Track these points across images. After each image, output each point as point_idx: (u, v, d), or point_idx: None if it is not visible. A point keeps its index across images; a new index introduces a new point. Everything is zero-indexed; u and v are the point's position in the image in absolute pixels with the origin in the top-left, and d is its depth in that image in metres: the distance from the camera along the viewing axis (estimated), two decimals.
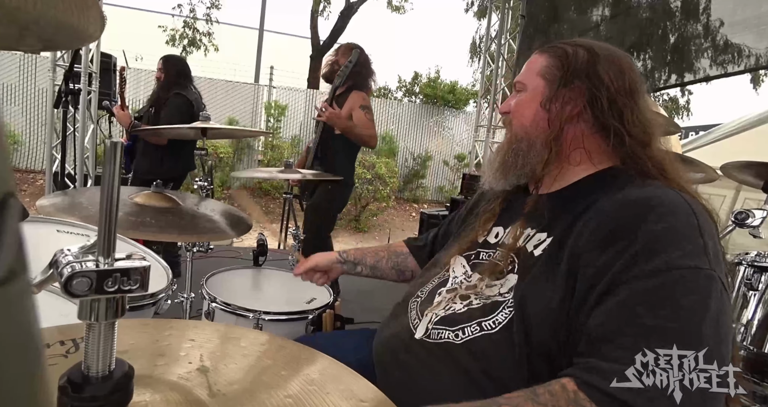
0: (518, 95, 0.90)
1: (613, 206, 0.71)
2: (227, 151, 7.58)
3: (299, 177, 2.10)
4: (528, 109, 0.87)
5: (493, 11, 5.87)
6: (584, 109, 0.81)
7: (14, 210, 0.16)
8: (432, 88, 10.01)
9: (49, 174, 3.91)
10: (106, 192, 0.34)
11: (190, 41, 10.14)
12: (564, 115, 0.82)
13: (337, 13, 10.05)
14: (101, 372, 0.37)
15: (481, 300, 0.80)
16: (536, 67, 0.88)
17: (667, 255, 0.63)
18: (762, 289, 1.48)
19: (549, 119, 0.84)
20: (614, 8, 3.78)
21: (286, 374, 0.52)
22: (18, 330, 0.17)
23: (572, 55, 0.84)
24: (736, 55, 2.80)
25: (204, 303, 1.46)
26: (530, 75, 0.89)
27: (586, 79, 0.82)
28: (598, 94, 0.80)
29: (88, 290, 0.34)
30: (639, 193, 0.71)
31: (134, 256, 0.36)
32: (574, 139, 0.83)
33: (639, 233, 0.65)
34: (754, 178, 1.78)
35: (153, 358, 0.52)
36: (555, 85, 0.84)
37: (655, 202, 0.68)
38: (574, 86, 0.82)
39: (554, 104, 0.83)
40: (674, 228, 0.65)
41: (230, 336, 0.60)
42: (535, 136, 0.85)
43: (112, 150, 0.34)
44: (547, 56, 0.88)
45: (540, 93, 0.86)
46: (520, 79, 0.90)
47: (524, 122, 0.87)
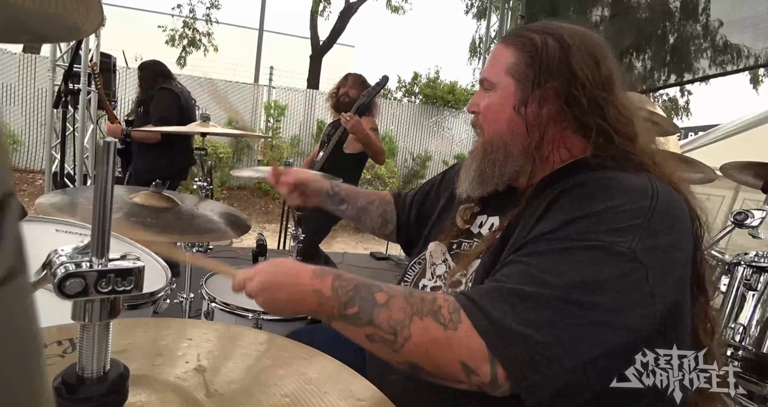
0: (486, 95, 0.83)
1: (565, 186, 0.69)
2: (227, 151, 7.57)
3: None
4: (500, 113, 0.80)
5: (492, 11, 5.87)
6: (562, 109, 0.75)
7: (14, 210, 0.16)
8: (431, 88, 10.00)
9: (48, 174, 3.91)
10: (100, 191, 0.34)
11: (190, 41, 10.14)
12: (542, 119, 0.76)
13: (337, 13, 10.06)
14: (96, 373, 0.36)
15: (459, 288, 0.80)
16: (503, 62, 0.80)
17: (587, 227, 0.62)
18: (761, 289, 1.48)
19: (526, 126, 0.77)
20: (614, 8, 3.78)
21: (284, 373, 0.52)
22: (18, 330, 0.17)
23: (542, 48, 0.77)
24: (735, 55, 2.80)
25: (203, 303, 1.46)
26: (498, 72, 0.81)
27: (560, 77, 0.75)
28: (576, 92, 0.74)
29: (81, 291, 0.34)
30: (603, 174, 0.69)
31: (128, 257, 0.36)
32: (554, 140, 0.78)
33: (577, 206, 0.64)
34: (754, 178, 1.78)
35: (151, 358, 0.52)
36: (528, 87, 0.77)
37: (604, 180, 0.67)
38: (548, 86, 0.76)
39: (529, 108, 0.77)
40: (615, 207, 0.63)
41: (228, 336, 0.60)
42: (512, 145, 0.79)
43: (106, 149, 0.33)
44: (515, 50, 0.80)
45: (511, 95, 0.79)
46: (487, 77, 0.82)
47: (498, 129, 0.81)
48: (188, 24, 10.10)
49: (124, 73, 6.59)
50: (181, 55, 10.14)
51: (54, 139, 3.91)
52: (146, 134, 2.85)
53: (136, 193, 1.26)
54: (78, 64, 3.57)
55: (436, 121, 9.47)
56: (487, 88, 0.83)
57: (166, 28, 10.02)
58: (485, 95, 0.83)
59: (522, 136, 0.78)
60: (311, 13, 10.16)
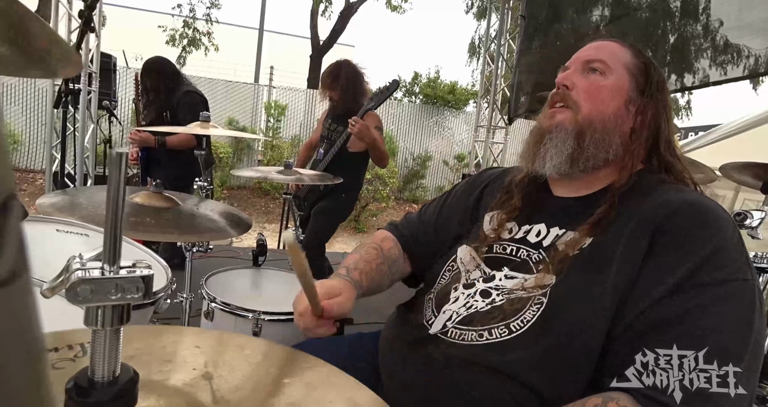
0: (593, 75, 0.83)
1: (661, 210, 0.70)
2: (227, 151, 7.58)
3: (308, 181, 2.07)
4: (611, 99, 0.81)
5: (492, 11, 5.87)
6: (648, 123, 0.81)
7: (15, 210, 0.16)
8: (432, 88, 10.00)
9: (48, 173, 3.91)
10: (112, 201, 0.35)
11: (190, 41, 10.15)
12: (644, 125, 0.81)
13: (337, 13, 10.06)
14: (107, 378, 0.37)
15: (503, 296, 0.77)
16: (621, 56, 0.83)
17: (728, 268, 0.64)
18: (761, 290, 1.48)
19: (633, 126, 0.81)
20: (614, 9, 3.78)
21: (289, 382, 0.53)
22: (20, 330, 0.17)
23: (652, 67, 0.83)
24: (735, 55, 2.80)
25: (203, 303, 1.46)
26: (615, 60, 0.82)
27: (660, 96, 0.81)
28: (665, 114, 0.81)
29: (91, 297, 0.35)
30: (681, 197, 0.72)
31: (139, 264, 0.37)
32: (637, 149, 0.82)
33: (702, 242, 0.66)
34: (753, 178, 1.78)
35: (159, 364, 0.53)
36: (640, 91, 0.81)
37: (703, 210, 0.69)
38: (651, 101, 0.81)
39: (636, 109, 0.81)
40: (729, 241, 0.66)
41: (235, 344, 0.61)
42: (612, 132, 0.80)
43: (118, 160, 0.34)
44: (630, 52, 0.84)
45: (624, 88, 0.81)
46: (604, 59, 0.82)
47: (603, 110, 0.80)
48: (188, 24, 10.10)
49: (124, 73, 6.59)
50: (181, 55, 10.15)
51: (54, 139, 3.92)
52: (184, 141, 2.79)
53: (136, 193, 1.26)
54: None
55: (436, 121, 9.47)
56: (597, 69, 0.82)
57: (166, 28, 10.03)
58: (589, 76, 0.83)
59: (622, 130, 0.81)
60: (311, 13, 10.17)
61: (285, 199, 2.58)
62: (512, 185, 0.92)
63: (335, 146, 2.52)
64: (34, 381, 0.17)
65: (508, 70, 5.57)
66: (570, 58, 0.88)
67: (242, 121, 8.25)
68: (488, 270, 0.83)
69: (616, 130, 0.80)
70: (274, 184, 7.49)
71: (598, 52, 0.83)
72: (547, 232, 0.82)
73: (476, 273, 0.84)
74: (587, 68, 0.83)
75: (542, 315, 0.71)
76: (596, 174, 0.82)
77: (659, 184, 0.77)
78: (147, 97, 2.99)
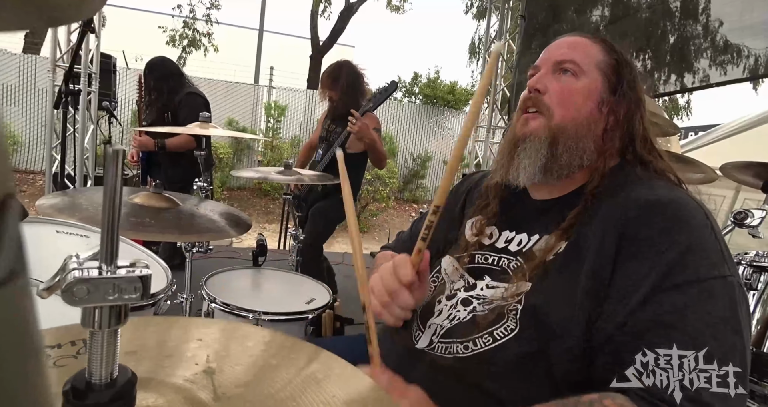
0: (564, 76, 0.80)
1: (629, 211, 0.68)
2: (227, 151, 7.58)
3: (307, 181, 2.08)
4: (583, 103, 0.78)
5: (492, 12, 5.88)
6: (621, 123, 0.79)
7: (14, 211, 0.16)
8: (431, 88, 10.01)
9: (48, 174, 3.91)
10: (109, 200, 0.34)
11: (190, 41, 10.15)
12: (618, 124, 0.79)
13: (337, 13, 10.06)
14: (104, 379, 0.37)
15: (484, 307, 0.76)
16: (593, 55, 0.80)
17: (696, 267, 0.63)
18: (761, 289, 1.48)
19: (605, 126, 0.78)
20: (614, 9, 3.78)
21: (292, 375, 0.52)
22: (18, 331, 0.17)
23: (625, 63, 0.80)
24: (735, 55, 2.80)
25: (203, 304, 1.46)
26: (587, 60, 0.80)
27: (632, 95, 0.79)
28: (638, 111, 0.79)
29: (88, 297, 0.34)
30: (652, 194, 0.70)
31: (137, 264, 0.36)
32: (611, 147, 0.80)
33: (668, 243, 0.64)
34: (754, 178, 1.78)
35: (160, 360, 0.52)
36: (613, 90, 0.79)
37: (673, 206, 0.67)
38: (623, 99, 0.79)
39: (608, 109, 0.78)
40: (700, 238, 0.65)
41: (237, 336, 0.60)
42: (586, 138, 0.78)
43: (114, 157, 0.34)
44: (602, 49, 0.81)
45: (597, 90, 0.79)
46: (576, 59, 0.79)
47: (576, 117, 0.78)
48: (188, 24, 10.11)
49: (124, 73, 6.59)
50: (181, 56, 10.15)
51: (54, 140, 3.92)
52: (183, 143, 2.78)
53: (136, 193, 1.26)
54: (78, 64, 3.57)
55: (436, 121, 9.47)
56: (568, 70, 0.79)
57: (166, 28, 10.03)
58: (561, 78, 0.80)
59: (596, 133, 0.79)
60: (311, 13, 10.17)
61: (285, 199, 2.57)
62: (488, 190, 0.91)
63: (333, 147, 2.52)
64: (31, 381, 0.17)
65: (508, 70, 5.57)
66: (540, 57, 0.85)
67: (242, 121, 8.25)
68: (471, 280, 0.83)
69: (589, 135, 0.78)
70: (274, 185, 7.49)
71: (569, 51, 0.81)
72: (527, 240, 0.81)
73: (460, 282, 0.84)
74: (558, 69, 0.80)
75: (519, 322, 0.71)
76: (572, 176, 0.81)
77: (633, 181, 0.75)
78: (149, 96, 2.99)
